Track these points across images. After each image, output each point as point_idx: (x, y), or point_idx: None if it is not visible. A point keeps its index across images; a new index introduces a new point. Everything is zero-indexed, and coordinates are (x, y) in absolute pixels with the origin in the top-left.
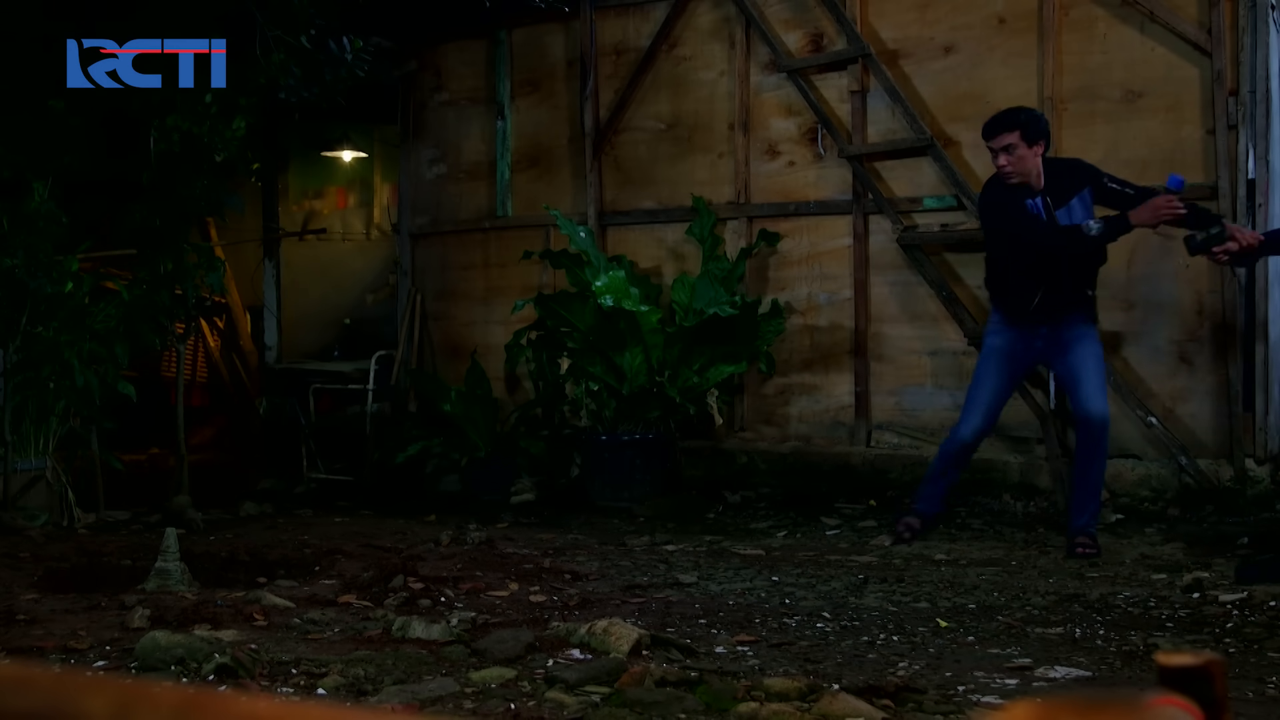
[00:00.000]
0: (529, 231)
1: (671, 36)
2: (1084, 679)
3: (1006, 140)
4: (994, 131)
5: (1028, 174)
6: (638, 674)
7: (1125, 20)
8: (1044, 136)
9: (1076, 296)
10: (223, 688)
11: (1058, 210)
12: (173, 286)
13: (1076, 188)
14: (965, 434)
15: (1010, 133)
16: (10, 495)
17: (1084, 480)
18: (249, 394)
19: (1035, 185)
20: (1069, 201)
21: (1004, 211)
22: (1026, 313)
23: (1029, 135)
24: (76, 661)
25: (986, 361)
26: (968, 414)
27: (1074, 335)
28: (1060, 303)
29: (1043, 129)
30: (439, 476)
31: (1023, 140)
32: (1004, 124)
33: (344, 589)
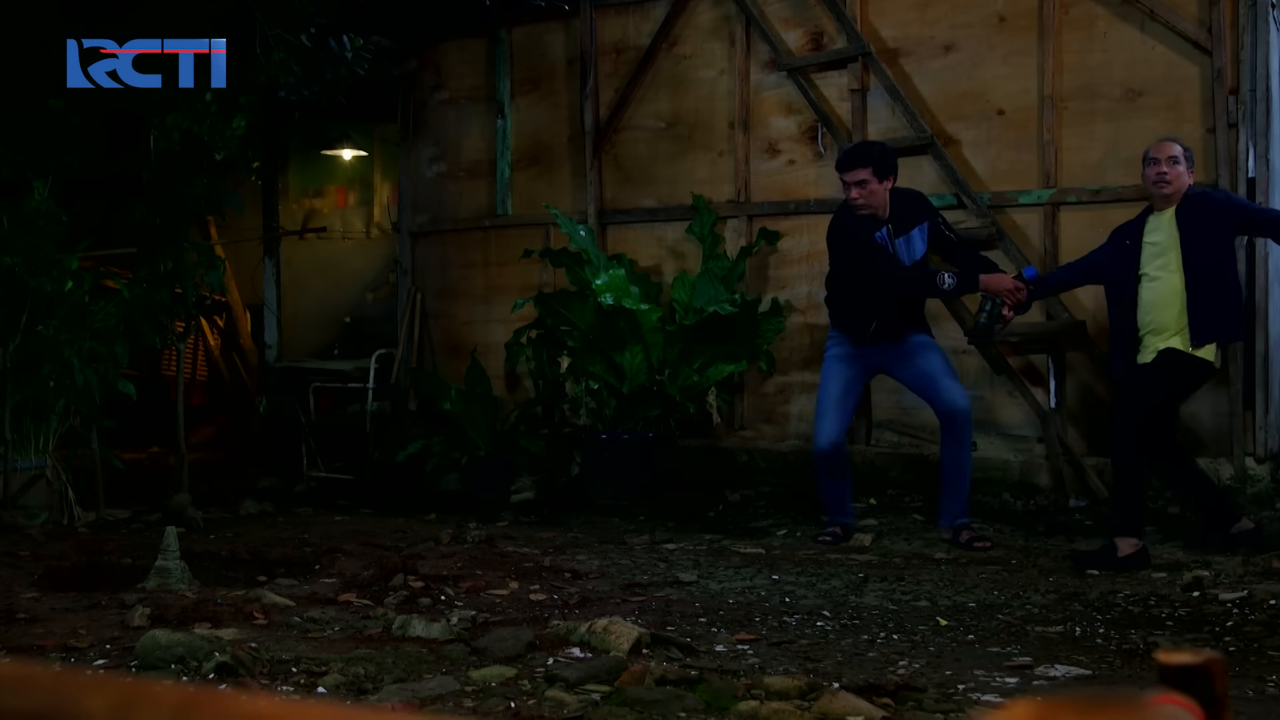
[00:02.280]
0: (529, 230)
1: (671, 35)
2: (1084, 677)
3: (860, 175)
4: (849, 166)
5: (877, 208)
6: (638, 672)
7: (1125, 19)
8: (893, 172)
9: (908, 324)
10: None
11: (898, 239)
12: (173, 285)
13: (917, 220)
14: (822, 443)
15: (864, 168)
16: (10, 494)
17: (958, 473)
18: (249, 392)
19: (882, 216)
20: (910, 232)
21: (857, 242)
22: (863, 337)
23: (880, 171)
24: (77, 660)
25: (828, 370)
26: (819, 423)
27: (912, 345)
28: (891, 331)
29: (892, 165)
30: (439, 475)
31: (874, 175)
32: (858, 159)
33: (344, 587)
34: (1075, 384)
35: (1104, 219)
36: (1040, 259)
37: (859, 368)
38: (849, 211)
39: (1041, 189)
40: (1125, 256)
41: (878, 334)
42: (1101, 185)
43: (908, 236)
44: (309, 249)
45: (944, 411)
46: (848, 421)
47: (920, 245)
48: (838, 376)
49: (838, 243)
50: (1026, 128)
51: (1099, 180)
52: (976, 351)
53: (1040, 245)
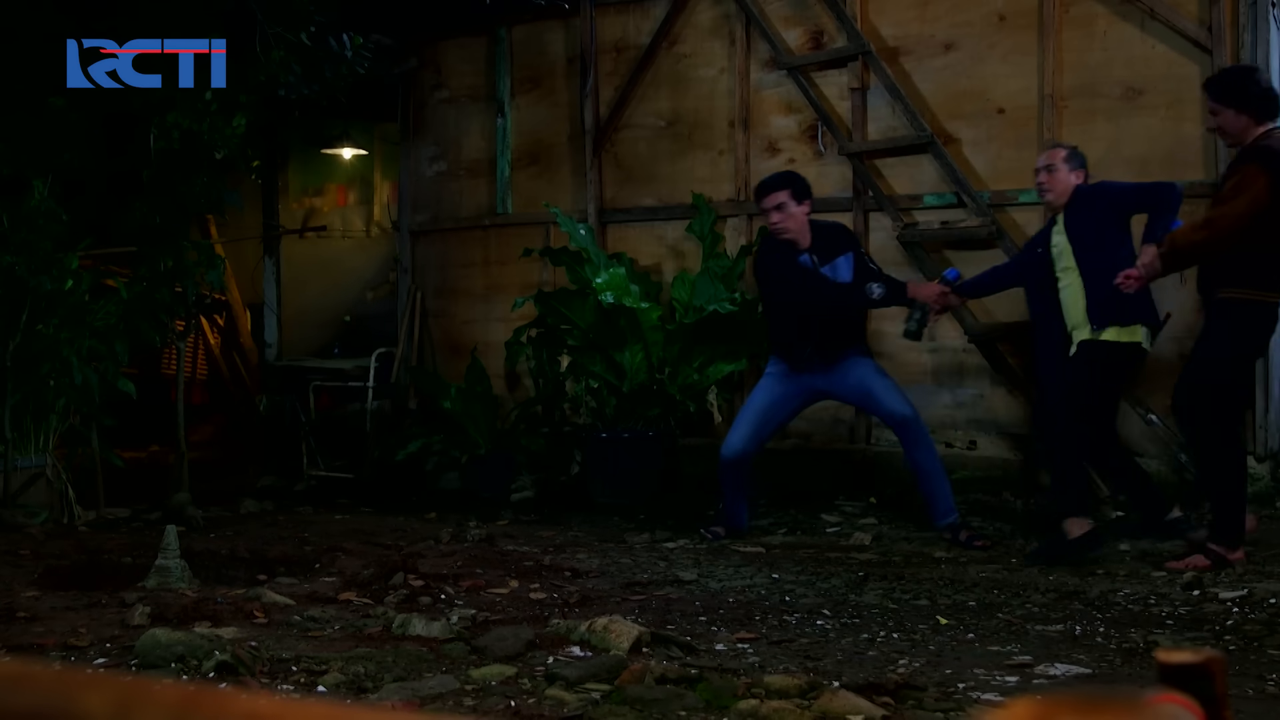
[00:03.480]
0: (529, 229)
1: (671, 34)
2: (1084, 676)
3: (779, 199)
4: (766, 192)
5: (798, 231)
6: (638, 671)
7: (1125, 17)
8: (808, 197)
9: (842, 344)
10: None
11: (823, 267)
12: (173, 284)
13: (841, 250)
14: (725, 451)
15: (781, 191)
16: (10, 492)
17: (931, 475)
18: (249, 391)
19: (803, 242)
20: (834, 260)
21: (784, 267)
22: (801, 363)
23: (797, 194)
24: (77, 659)
25: (760, 385)
26: (733, 432)
27: (848, 364)
28: (825, 352)
29: (808, 189)
30: (439, 474)
31: (792, 198)
32: (775, 185)
33: (344, 586)
34: None
35: None
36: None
37: (793, 389)
38: (772, 240)
39: None
40: (1038, 263)
41: (810, 358)
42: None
43: (833, 265)
44: (309, 248)
45: (892, 422)
46: (762, 437)
47: (846, 273)
48: (766, 391)
49: (765, 271)
50: (1027, 126)
51: (1099, 178)
52: (977, 350)
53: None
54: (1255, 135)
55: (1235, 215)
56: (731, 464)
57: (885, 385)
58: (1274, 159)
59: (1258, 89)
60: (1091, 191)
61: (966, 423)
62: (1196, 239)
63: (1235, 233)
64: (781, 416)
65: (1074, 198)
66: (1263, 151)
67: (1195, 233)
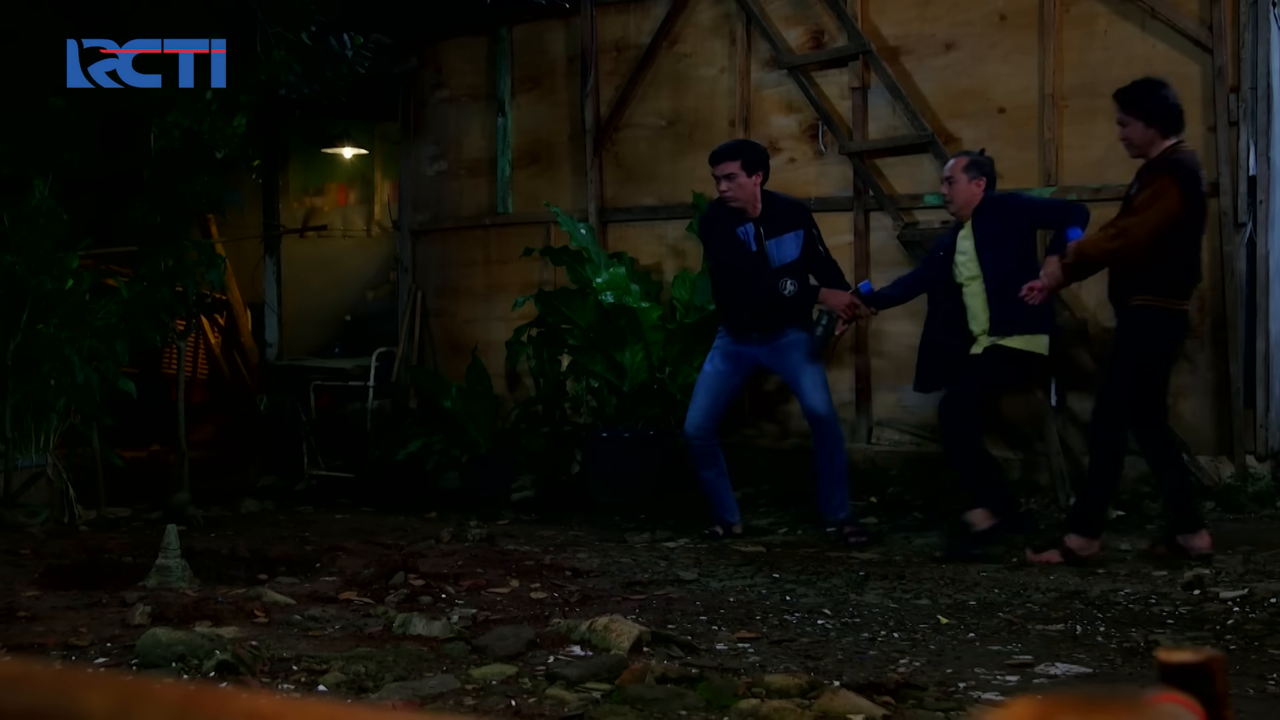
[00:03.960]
0: (530, 228)
1: (672, 33)
2: (1085, 676)
3: (729, 168)
4: (719, 160)
5: (746, 201)
6: (638, 671)
7: (1126, 17)
8: (763, 168)
9: (782, 317)
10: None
11: (769, 240)
12: (173, 283)
13: (792, 226)
14: (687, 428)
15: (733, 161)
16: (11, 492)
17: (831, 471)
18: (250, 391)
19: (751, 212)
20: (782, 235)
21: (716, 235)
22: (739, 327)
23: (749, 166)
24: (77, 658)
25: (708, 362)
26: (690, 415)
27: (788, 342)
28: (764, 323)
29: (762, 161)
30: (440, 473)
31: (743, 170)
32: (728, 154)
33: (345, 586)
34: (1076, 382)
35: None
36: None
37: (735, 364)
38: (719, 206)
39: (1043, 187)
40: (940, 267)
41: (753, 326)
42: (1102, 183)
43: (779, 239)
44: (310, 247)
45: (809, 416)
46: (718, 412)
47: (793, 250)
48: (712, 366)
49: (704, 234)
50: (1027, 126)
51: (1100, 178)
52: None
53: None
54: (1163, 148)
55: (1149, 226)
56: (697, 440)
57: (814, 380)
58: (1185, 172)
59: (1165, 103)
60: (1002, 201)
61: None
62: (1109, 248)
63: (1147, 243)
64: (730, 389)
65: (982, 206)
66: (1175, 164)
67: (1108, 242)
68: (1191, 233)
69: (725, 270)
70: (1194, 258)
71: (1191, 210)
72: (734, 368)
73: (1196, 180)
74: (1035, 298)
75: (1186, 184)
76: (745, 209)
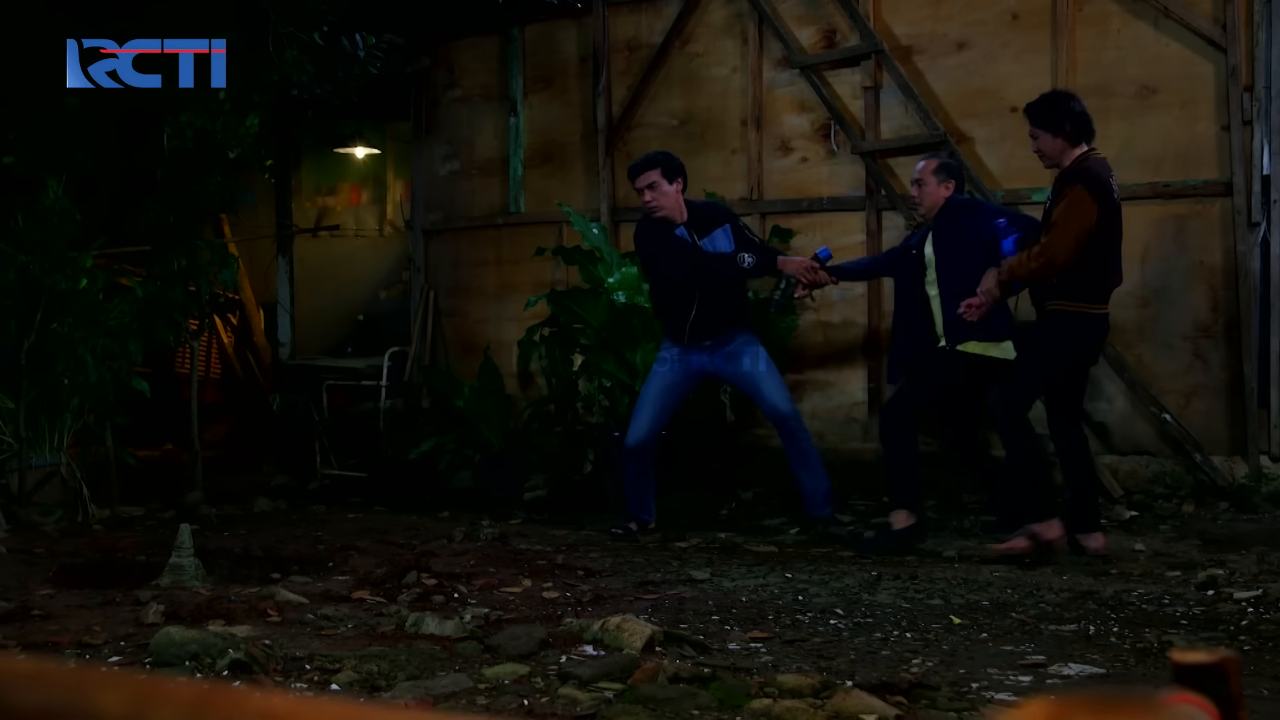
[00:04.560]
0: (542, 228)
1: (684, 33)
2: (1098, 676)
3: (650, 178)
4: (638, 172)
5: (671, 208)
6: (651, 670)
7: (1139, 16)
8: (680, 174)
9: (729, 320)
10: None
11: (702, 240)
12: (186, 283)
13: (718, 223)
14: (629, 440)
15: (652, 170)
16: (25, 491)
17: (809, 470)
18: (262, 390)
19: (678, 218)
20: (712, 232)
21: (656, 243)
22: (683, 335)
23: (668, 173)
24: (91, 657)
25: (651, 373)
26: (633, 423)
27: (737, 348)
28: (712, 326)
29: (679, 169)
30: (452, 473)
31: (663, 177)
32: (646, 165)
33: (357, 585)
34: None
35: None
36: None
37: (683, 374)
38: (648, 219)
39: None
40: (910, 264)
41: (699, 333)
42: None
43: (711, 237)
44: (322, 247)
45: (773, 417)
46: (661, 421)
47: (725, 244)
48: (659, 379)
49: (642, 246)
50: None
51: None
52: None
53: None
54: (1073, 157)
55: (1068, 240)
56: (635, 452)
57: (773, 381)
58: (1094, 179)
59: (1072, 113)
60: (961, 207)
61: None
62: (1033, 267)
63: (1070, 258)
64: (676, 400)
65: (944, 210)
66: (1083, 173)
67: (1032, 261)
68: (1106, 238)
69: (673, 271)
70: (1109, 261)
71: (1106, 216)
72: (682, 379)
73: (1107, 186)
74: (972, 314)
75: (1097, 190)
76: (672, 216)
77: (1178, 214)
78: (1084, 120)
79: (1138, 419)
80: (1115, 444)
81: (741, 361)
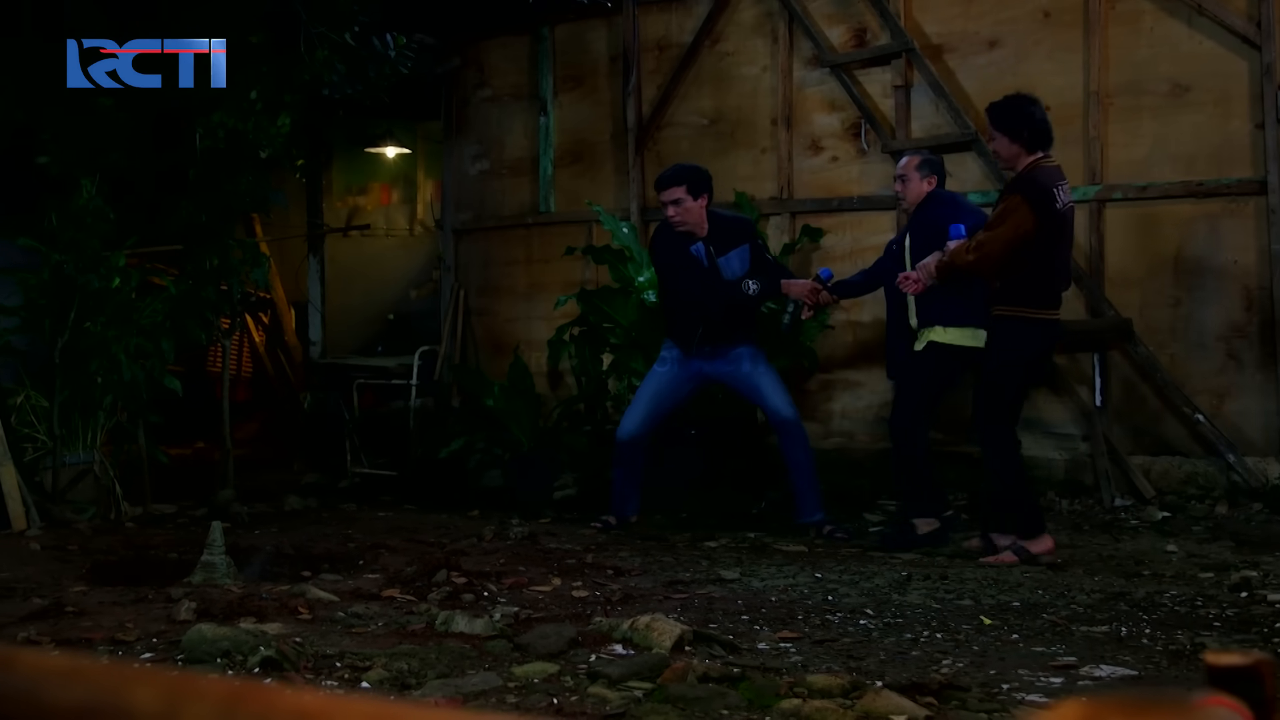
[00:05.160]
0: (571, 227)
1: (714, 32)
2: (1130, 678)
3: (675, 194)
4: (664, 186)
5: (694, 224)
6: (680, 670)
7: (1172, 13)
8: (706, 190)
9: (732, 336)
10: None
11: (719, 258)
12: (218, 282)
13: (737, 242)
14: (620, 433)
15: (678, 187)
16: (59, 488)
17: (806, 477)
18: (293, 389)
19: (699, 233)
20: (729, 252)
21: (671, 255)
22: (689, 346)
23: (694, 189)
24: (124, 653)
25: (653, 373)
26: (627, 417)
27: (739, 355)
28: (720, 337)
29: (705, 184)
30: (482, 471)
31: (688, 194)
32: (673, 179)
33: (388, 583)
34: (1121, 382)
35: (1151, 216)
36: (1086, 256)
37: (684, 375)
38: (668, 228)
39: (1087, 185)
40: (895, 261)
41: (704, 342)
42: (1148, 182)
43: (728, 256)
44: (353, 246)
45: (774, 420)
46: (654, 419)
47: (739, 266)
48: (658, 377)
49: (657, 257)
50: (1072, 124)
51: (1145, 176)
52: None
53: (1086, 242)
54: (1025, 164)
55: (1000, 242)
56: (626, 445)
57: (774, 384)
58: (1035, 188)
59: (1031, 120)
60: (940, 201)
61: None
62: (968, 260)
63: (1001, 258)
64: (674, 401)
65: (922, 204)
66: (1026, 182)
67: (967, 254)
68: (1050, 244)
69: (683, 286)
70: (1054, 267)
71: (1045, 224)
72: (681, 380)
73: (1049, 196)
74: (909, 287)
75: (1037, 200)
76: (694, 230)
77: (1210, 213)
78: (1043, 128)
79: (1170, 419)
80: (1147, 444)
81: (741, 364)
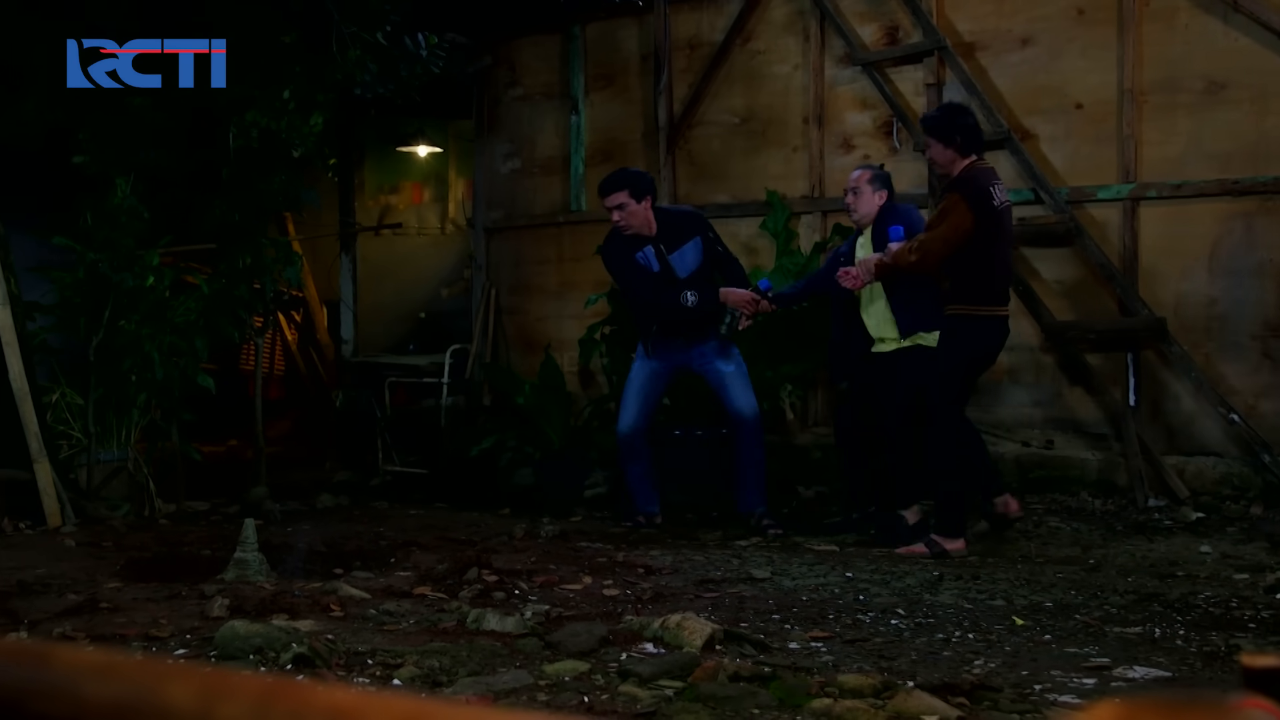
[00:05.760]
0: (603, 226)
1: (745, 30)
2: (1164, 679)
3: (618, 199)
4: (606, 192)
5: (639, 226)
6: (711, 669)
7: (1208, 10)
8: (649, 192)
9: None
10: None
11: (671, 255)
12: (251, 281)
13: (688, 236)
14: (620, 429)
15: (620, 192)
16: (93, 486)
17: (753, 471)
18: (325, 387)
19: (647, 234)
20: (682, 247)
21: (617, 263)
22: (648, 347)
23: (636, 193)
24: (158, 649)
25: (634, 368)
26: (621, 414)
27: (709, 349)
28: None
29: (648, 187)
30: (513, 470)
31: (631, 197)
32: (614, 186)
33: (419, 581)
34: (1154, 381)
35: (1185, 214)
36: (1119, 255)
37: (660, 367)
38: (616, 235)
39: (1121, 184)
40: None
41: (659, 346)
42: (1183, 180)
43: (680, 251)
44: (385, 245)
45: (731, 417)
46: (647, 411)
47: (693, 258)
48: (637, 373)
49: (607, 265)
50: (1105, 121)
51: (1180, 174)
52: (1054, 348)
53: (1119, 241)
54: (960, 167)
55: (940, 240)
56: (628, 439)
57: (741, 383)
58: (972, 187)
59: (963, 126)
60: (894, 214)
61: (1044, 421)
62: (910, 259)
63: (942, 255)
64: (659, 391)
65: (880, 216)
66: (964, 182)
67: (909, 254)
68: (989, 241)
69: (632, 293)
70: (995, 265)
71: (983, 221)
72: (659, 371)
73: (986, 194)
74: (849, 282)
75: (974, 200)
76: (641, 232)
77: (1246, 211)
78: (974, 133)
79: (1204, 419)
80: (1181, 444)
81: (713, 361)
